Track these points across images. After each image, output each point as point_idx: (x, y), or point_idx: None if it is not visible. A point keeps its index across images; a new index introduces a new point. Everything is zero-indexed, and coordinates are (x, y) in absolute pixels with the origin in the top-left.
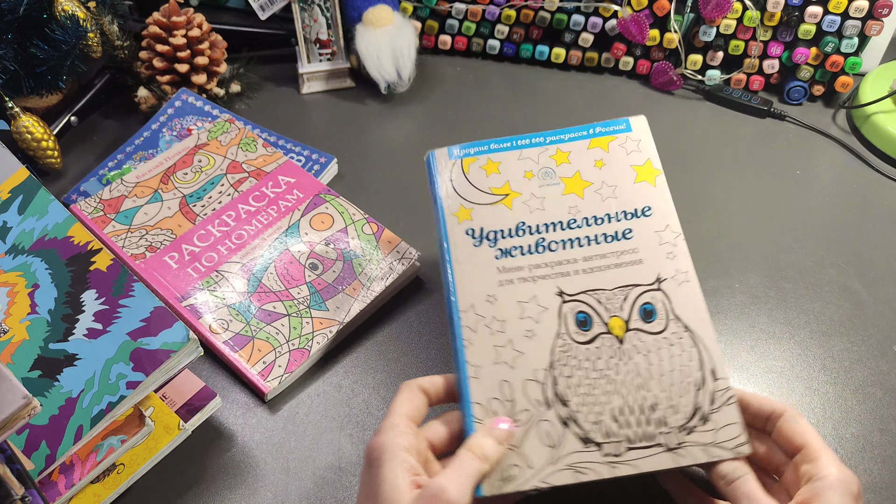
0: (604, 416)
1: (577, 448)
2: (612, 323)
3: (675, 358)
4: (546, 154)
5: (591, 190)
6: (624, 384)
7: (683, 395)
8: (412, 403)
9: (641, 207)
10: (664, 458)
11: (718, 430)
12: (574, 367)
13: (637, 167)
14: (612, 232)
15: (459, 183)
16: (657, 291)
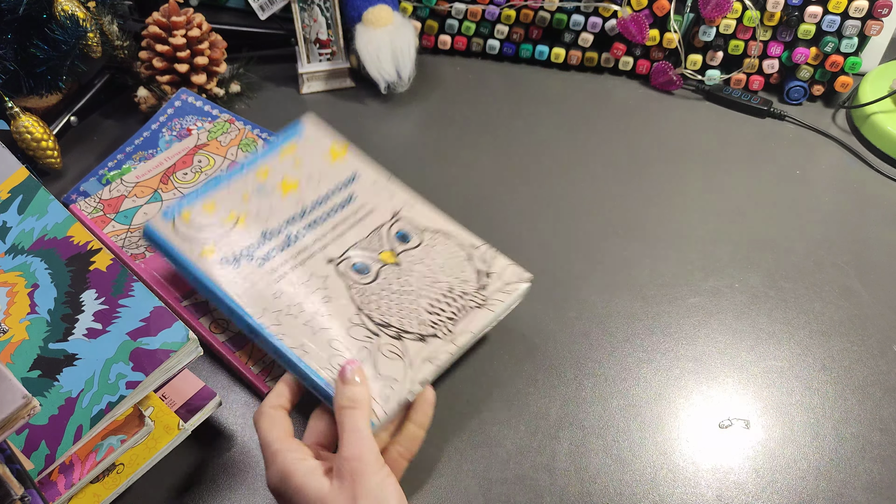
0: (422, 315)
1: (419, 347)
2: (383, 257)
3: (441, 252)
4: (250, 177)
5: (303, 183)
6: (421, 288)
7: (464, 270)
8: (276, 425)
9: (349, 175)
10: (482, 313)
11: (502, 273)
12: (376, 299)
13: (327, 153)
14: (339, 202)
15: (188, 232)
16: (399, 221)
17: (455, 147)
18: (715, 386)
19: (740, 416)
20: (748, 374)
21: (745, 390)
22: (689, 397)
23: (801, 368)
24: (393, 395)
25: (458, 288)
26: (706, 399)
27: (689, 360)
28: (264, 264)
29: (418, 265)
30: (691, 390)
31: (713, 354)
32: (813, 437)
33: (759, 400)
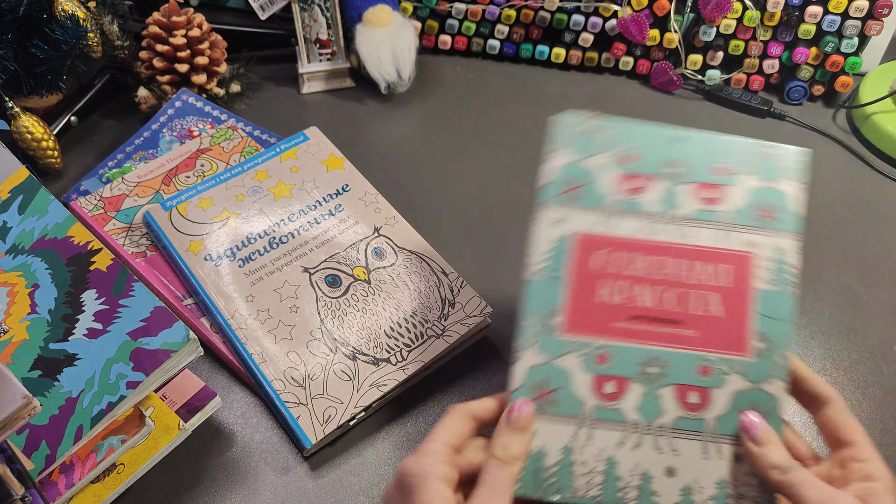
0: (381, 338)
1: (371, 371)
2: (356, 272)
3: (413, 274)
4: (248, 177)
5: (297, 189)
6: (385, 309)
7: (430, 296)
8: (456, 430)
9: (341, 186)
10: (438, 343)
11: (465, 306)
12: (341, 315)
13: (325, 162)
14: (326, 212)
15: (181, 224)
16: (379, 237)
17: (455, 147)
18: None
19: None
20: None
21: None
22: None
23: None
24: (334, 417)
25: (421, 314)
26: None
27: None
28: (244, 265)
29: (388, 285)
30: None
31: None
32: (813, 437)
33: None
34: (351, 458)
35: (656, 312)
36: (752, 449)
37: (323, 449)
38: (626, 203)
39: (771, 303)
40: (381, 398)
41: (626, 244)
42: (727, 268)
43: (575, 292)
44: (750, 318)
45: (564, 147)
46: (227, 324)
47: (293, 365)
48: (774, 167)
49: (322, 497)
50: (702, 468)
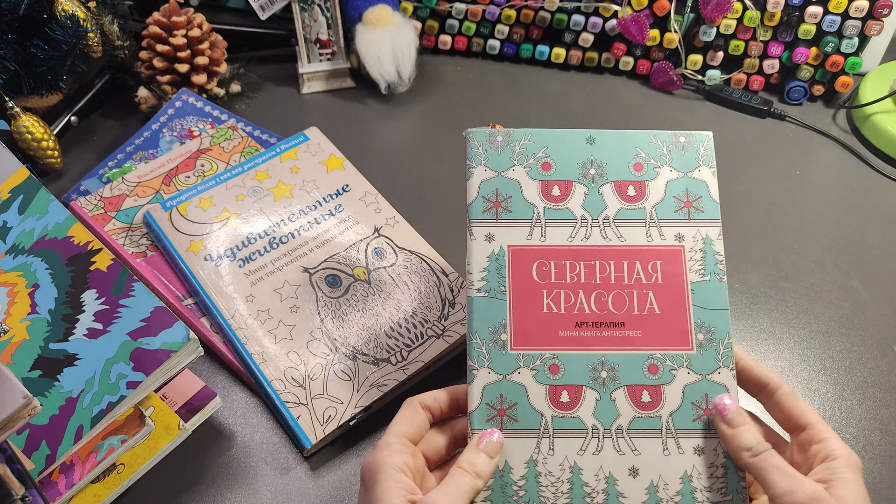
0: (381, 338)
1: (371, 370)
2: (356, 272)
3: (413, 274)
4: (248, 177)
5: (297, 189)
6: (385, 309)
7: (430, 296)
8: (411, 422)
9: (341, 186)
10: (438, 343)
11: (465, 306)
12: (341, 315)
13: (325, 162)
14: (326, 212)
15: (181, 224)
16: (379, 237)
17: (455, 147)
18: None
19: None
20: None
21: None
22: None
23: (801, 368)
24: (334, 417)
25: (421, 314)
26: None
27: None
28: (245, 265)
29: (388, 286)
30: None
31: None
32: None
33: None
34: (351, 458)
35: (599, 317)
36: (724, 430)
37: (323, 449)
38: (553, 211)
39: (705, 293)
40: (381, 398)
41: (560, 252)
42: (660, 264)
43: (517, 306)
44: (688, 311)
45: (482, 163)
46: (227, 324)
47: (293, 365)
48: (688, 156)
49: (322, 497)
50: (664, 465)
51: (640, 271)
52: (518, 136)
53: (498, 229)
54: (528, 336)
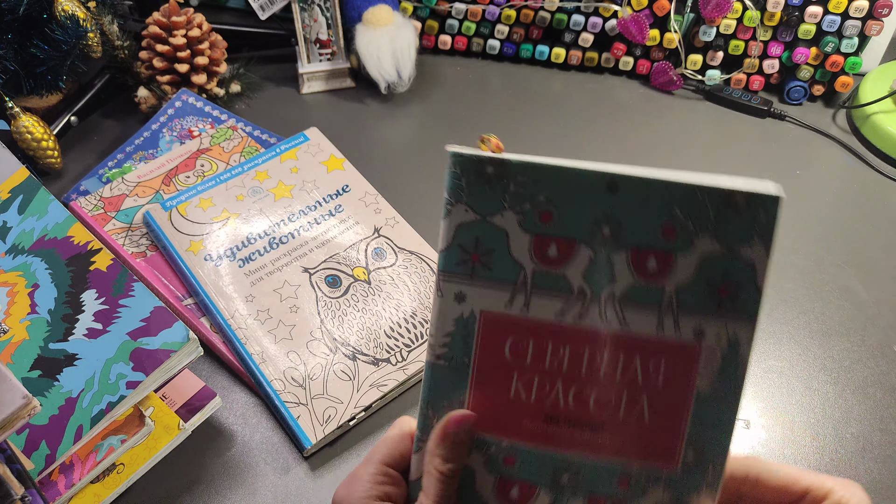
0: (380, 338)
1: (371, 370)
2: (356, 272)
3: (413, 275)
4: (248, 178)
5: (297, 189)
6: (385, 309)
7: (431, 296)
8: (396, 450)
9: (341, 187)
10: None
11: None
12: (341, 315)
13: (325, 162)
14: (326, 212)
15: (181, 224)
16: (379, 238)
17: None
18: None
19: (740, 416)
20: (748, 374)
21: (745, 390)
22: None
23: (801, 368)
24: (335, 417)
25: (421, 314)
26: None
27: None
28: (244, 265)
29: (388, 286)
30: None
31: None
32: (813, 437)
33: (759, 400)
34: (351, 458)
35: (576, 414)
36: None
37: (323, 449)
38: (545, 277)
39: (711, 408)
40: (381, 398)
41: (543, 330)
42: (664, 363)
43: (480, 385)
44: (684, 425)
45: (463, 200)
46: (227, 324)
47: (293, 365)
48: (741, 223)
49: (322, 497)
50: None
51: (638, 369)
52: (515, 168)
53: (472, 289)
54: (486, 420)
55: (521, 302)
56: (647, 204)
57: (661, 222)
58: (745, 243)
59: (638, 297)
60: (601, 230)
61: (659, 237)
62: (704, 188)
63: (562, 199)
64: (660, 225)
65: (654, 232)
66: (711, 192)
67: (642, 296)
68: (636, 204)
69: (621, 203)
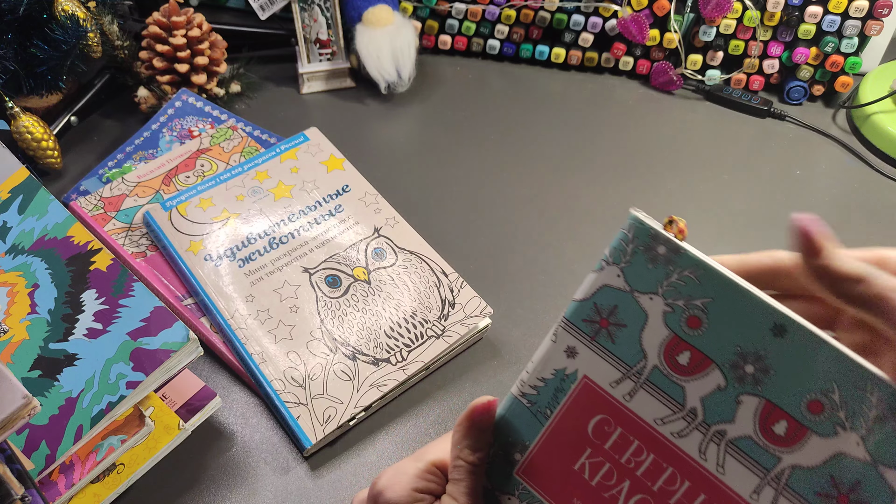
0: (381, 338)
1: (371, 371)
2: (356, 272)
3: (413, 275)
4: (248, 178)
5: (297, 189)
6: (385, 309)
7: (430, 296)
8: (447, 449)
9: (341, 186)
10: (438, 344)
11: (465, 306)
12: (341, 315)
13: (325, 162)
14: (326, 212)
15: (181, 224)
16: (379, 238)
17: (455, 147)
18: None
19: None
20: None
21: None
22: None
23: None
24: (335, 417)
25: (421, 314)
26: None
27: None
28: (244, 265)
29: (388, 286)
30: None
31: None
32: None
33: None
34: (351, 458)
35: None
36: (809, 263)
37: (323, 449)
38: (663, 378)
39: None
40: (381, 398)
41: (637, 427)
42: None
43: (551, 441)
44: None
45: (620, 264)
46: (227, 324)
47: (293, 365)
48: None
49: (322, 497)
50: None
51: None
52: (686, 261)
53: (586, 351)
54: (541, 474)
55: (628, 389)
56: (807, 365)
57: (811, 392)
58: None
59: (748, 452)
60: (745, 366)
61: (802, 406)
62: (881, 381)
63: (719, 314)
64: (809, 394)
65: (800, 398)
66: (885, 391)
67: (753, 453)
68: (795, 359)
69: (780, 350)
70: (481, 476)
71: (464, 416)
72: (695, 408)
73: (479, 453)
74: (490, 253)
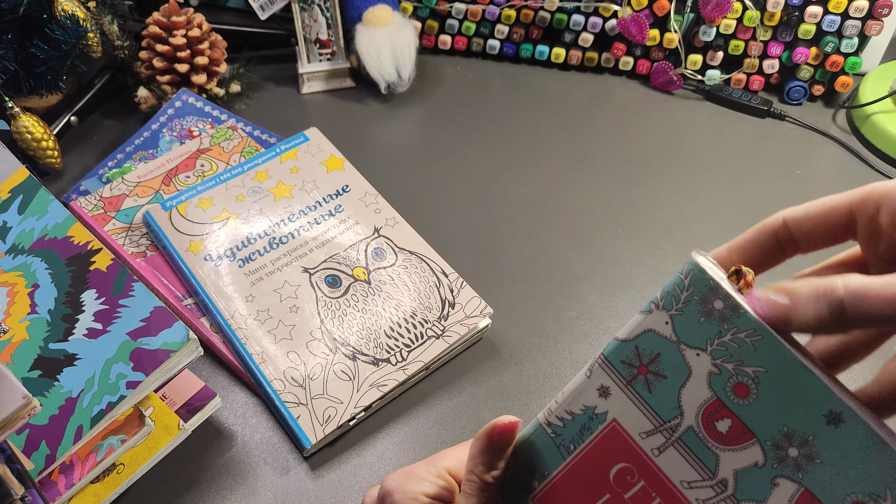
0: (380, 338)
1: (371, 371)
2: (355, 272)
3: (413, 275)
4: (248, 178)
5: (297, 189)
6: (385, 309)
7: (430, 297)
8: (462, 458)
9: (341, 187)
10: (438, 344)
11: (465, 306)
12: (341, 315)
13: (325, 162)
14: (326, 212)
15: (181, 224)
16: (379, 238)
17: (455, 147)
18: None
19: None
20: None
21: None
22: None
23: None
24: (335, 417)
25: (421, 315)
26: None
27: None
28: (244, 266)
29: (388, 286)
30: None
31: None
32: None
33: None
34: (351, 458)
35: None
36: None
37: (323, 449)
38: (697, 442)
39: None
40: (381, 398)
41: (661, 483)
42: None
43: (571, 478)
44: None
45: (670, 310)
46: (227, 324)
47: (293, 365)
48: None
49: (322, 497)
50: None
51: None
52: (743, 324)
53: (620, 394)
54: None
55: (658, 443)
56: (860, 464)
57: (859, 493)
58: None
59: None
60: (789, 448)
61: (846, 500)
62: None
63: (771, 387)
64: (856, 494)
65: (844, 496)
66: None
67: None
68: (846, 450)
69: (830, 438)
70: (494, 495)
71: (484, 433)
72: (726, 479)
73: (494, 472)
74: (490, 253)
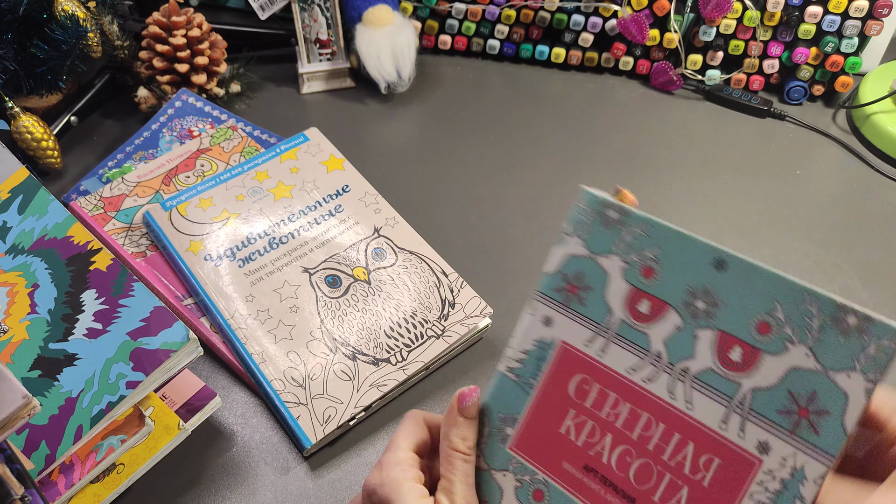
0: (380, 338)
1: (371, 371)
2: (355, 272)
3: (413, 275)
4: (248, 178)
5: (297, 189)
6: (385, 309)
7: (430, 297)
8: (416, 437)
9: (341, 187)
10: (438, 344)
11: (465, 306)
12: (341, 315)
13: (325, 162)
14: (326, 212)
15: (181, 224)
16: (379, 238)
17: (455, 147)
18: None
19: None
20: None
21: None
22: None
23: None
24: (335, 417)
25: (421, 314)
26: None
27: None
28: (244, 265)
29: (388, 286)
30: None
31: None
32: None
33: None
34: (351, 458)
35: (613, 476)
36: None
37: (323, 449)
38: (629, 329)
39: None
40: (381, 398)
41: (611, 380)
42: (717, 463)
43: (537, 409)
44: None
45: (579, 233)
46: (227, 324)
47: (293, 365)
48: (847, 349)
49: (322, 497)
50: None
51: (688, 457)
52: (634, 220)
53: (560, 318)
54: (531, 446)
55: (600, 345)
56: (750, 292)
57: (757, 315)
58: (845, 371)
59: (711, 383)
60: (696, 303)
61: (751, 330)
62: (816, 294)
63: (668, 260)
64: (756, 317)
65: (748, 323)
66: (822, 301)
67: (716, 384)
68: (738, 289)
69: (724, 283)
70: (472, 464)
71: (451, 408)
72: (659, 351)
73: (469, 440)
74: (490, 253)
